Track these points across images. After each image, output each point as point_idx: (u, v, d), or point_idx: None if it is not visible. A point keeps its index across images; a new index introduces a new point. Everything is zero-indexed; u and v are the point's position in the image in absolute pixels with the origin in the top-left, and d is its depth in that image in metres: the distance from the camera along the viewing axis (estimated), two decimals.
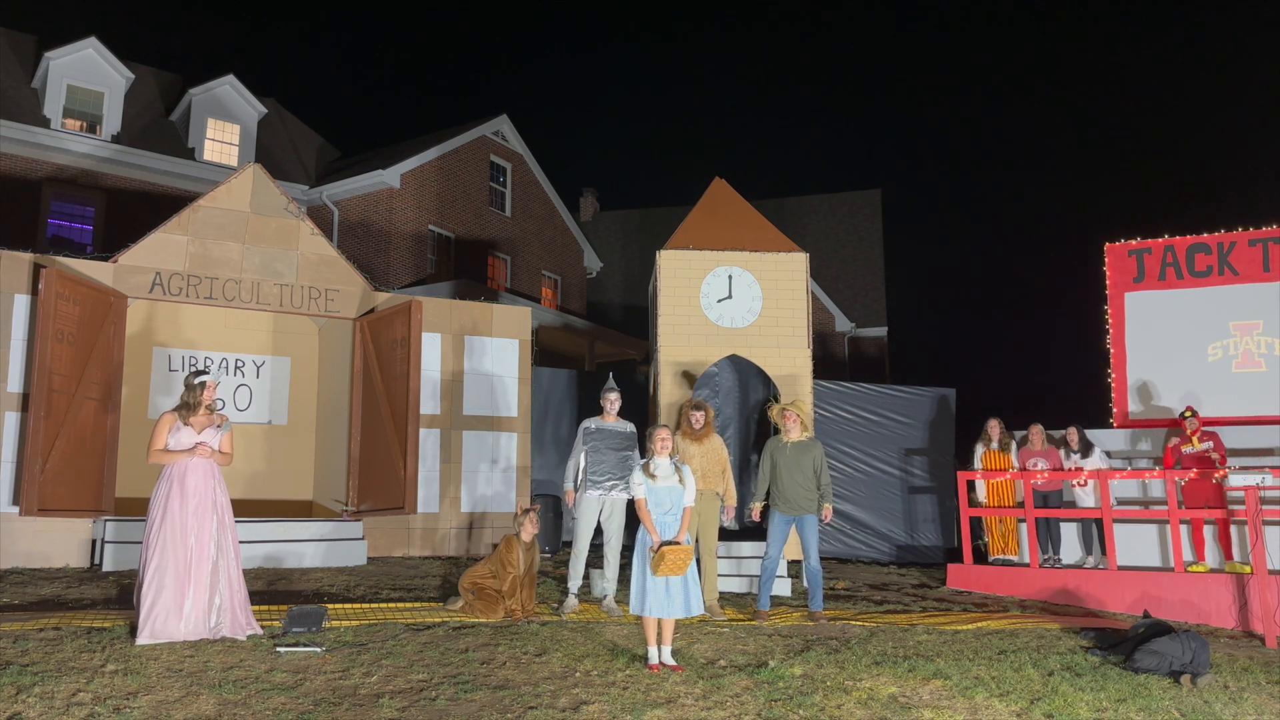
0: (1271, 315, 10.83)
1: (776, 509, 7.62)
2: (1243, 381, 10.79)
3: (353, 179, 18.92)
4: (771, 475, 7.68)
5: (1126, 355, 11.52)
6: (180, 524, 5.76)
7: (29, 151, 16.86)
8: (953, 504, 11.15)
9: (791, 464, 7.58)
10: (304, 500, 10.95)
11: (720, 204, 10.29)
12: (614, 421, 7.63)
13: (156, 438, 5.89)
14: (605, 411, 7.65)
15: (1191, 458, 9.31)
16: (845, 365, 24.79)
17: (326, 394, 11.08)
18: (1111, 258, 11.79)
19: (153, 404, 10.25)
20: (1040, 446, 9.87)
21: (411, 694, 4.87)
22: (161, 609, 5.61)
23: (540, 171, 22.20)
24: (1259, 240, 11.05)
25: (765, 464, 7.75)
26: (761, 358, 9.64)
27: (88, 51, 17.82)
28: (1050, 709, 5.15)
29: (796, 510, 7.56)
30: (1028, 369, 39.58)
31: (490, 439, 10.40)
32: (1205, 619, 8.34)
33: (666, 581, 5.60)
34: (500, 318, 10.74)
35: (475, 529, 10.17)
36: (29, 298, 8.56)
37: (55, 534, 8.38)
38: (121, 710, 4.40)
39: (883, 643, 6.57)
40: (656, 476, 5.79)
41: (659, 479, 5.78)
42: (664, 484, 5.77)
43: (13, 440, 8.35)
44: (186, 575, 5.72)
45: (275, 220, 9.82)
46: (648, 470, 5.82)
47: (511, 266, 21.21)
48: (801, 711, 4.88)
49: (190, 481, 5.84)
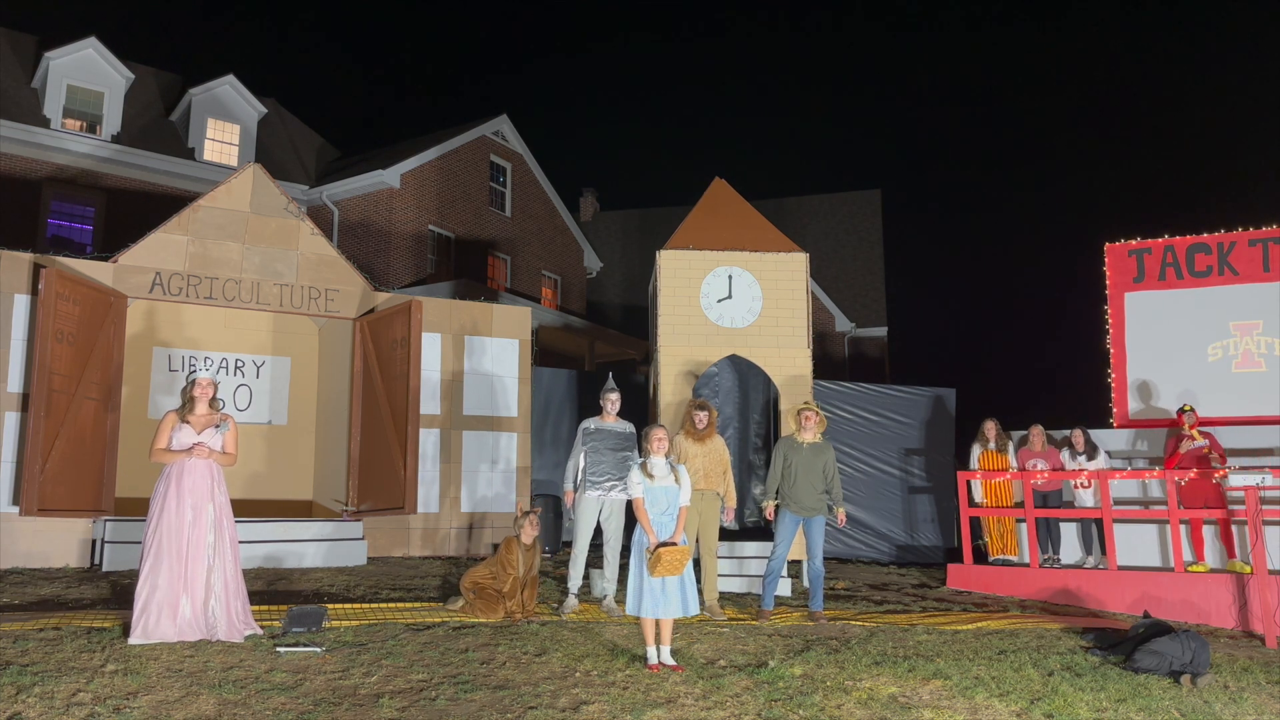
0: (1271, 315, 10.83)
1: (787, 509, 7.62)
2: (1243, 381, 10.79)
3: (353, 179, 18.92)
4: (783, 475, 7.68)
5: (1126, 355, 11.52)
6: (175, 524, 5.75)
7: (29, 151, 16.86)
8: (952, 504, 11.15)
9: (806, 465, 7.57)
10: (304, 500, 10.95)
11: (720, 204, 10.29)
12: (613, 422, 7.63)
13: (158, 437, 5.91)
14: (605, 412, 7.66)
15: (1190, 456, 9.31)
16: (845, 365, 24.79)
17: (326, 394, 11.08)
18: (1111, 258, 11.79)
19: (153, 404, 10.25)
20: (1040, 447, 9.87)
21: (411, 694, 4.87)
22: (155, 609, 5.61)
23: (540, 171, 22.21)
24: (1259, 240, 11.05)
25: (778, 462, 7.70)
26: (761, 358, 9.64)
27: (88, 51, 17.83)
28: (1050, 709, 5.15)
29: (807, 511, 7.56)
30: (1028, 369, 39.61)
31: (490, 439, 10.40)
32: (1205, 619, 8.34)
33: (663, 582, 5.60)
34: (500, 318, 10.74)
35: (475, 529, 10.17)
36: (29, 298, 8.56)
37: (55, 534, 8.38)
38: (121, 710, 4.39)
39: (883, 643, 6.56)
40: (654, 476, 5.79)
41: (656, 479, 5.79)
42: (661, 484, 5.77)
43: (12, 440, 8.35)
44: (181, 575, 5.71)
45: (275, 220, 9.82)
46: (645, 470, 5.82)
47: (511, 266, 21.21)
48: (801, 711, 4.88)
49: (187, 481, 5.83)
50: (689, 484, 5.89)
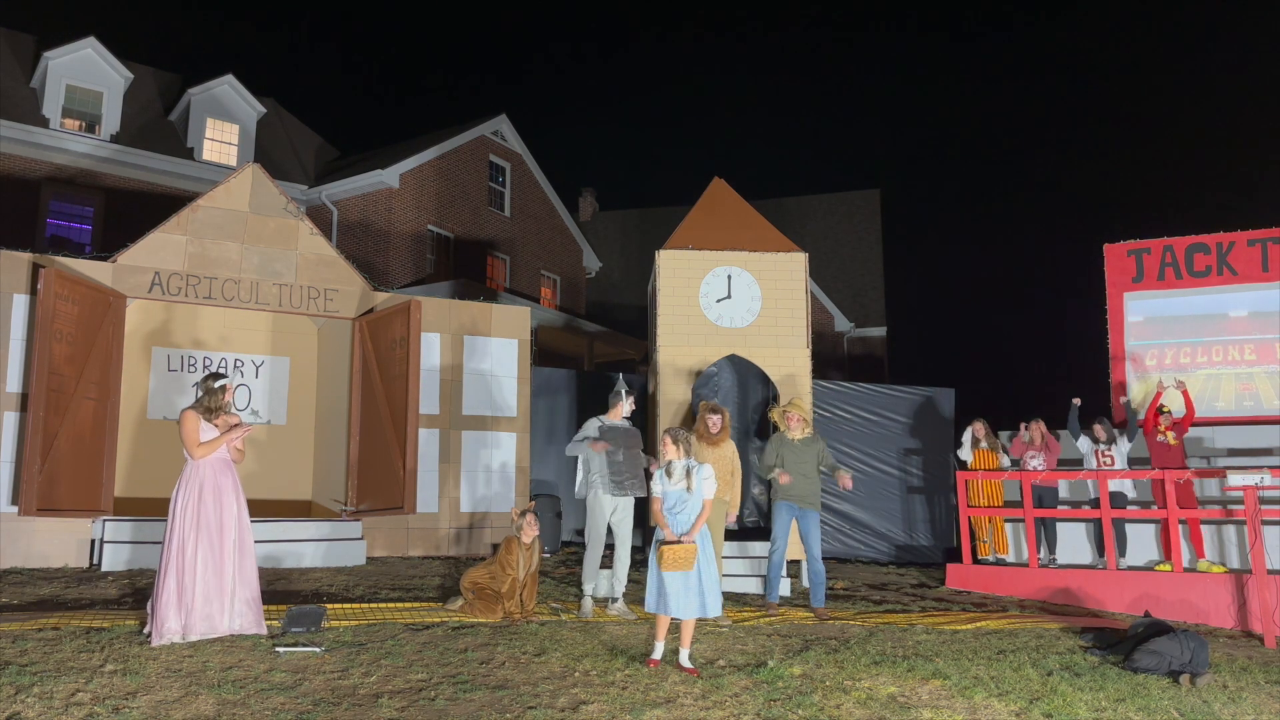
0: (1271, 315, 10.84)
1: (782, 501, 7.66)
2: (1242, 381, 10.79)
3: (352, 179, 18.91)
4: (776, 467, 7.73)
5: (1126, 355, 11.53)
6: (214, 521, 5.80)
7: (28, 151, 16.85)
8: (951, 503, 11.15)
9: (798, 460, 7.66)
10: (303, 500, 10.95)
11: (719, 204, 10.29)
12: (619, 420, 7.61)
13: (192, 433, 5.84)
14: (613, 410, 7.60)
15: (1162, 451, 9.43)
16: (845, 365, 24.79)
17: (325, 394, 11.08)
18: (1110, 258, 11.80)
19: (152, 404, 10.24)
20: (1040, 442, 9.87)
21: (410, 694, 4.87)
22: (199, 607, 5.65)
23: (539, 171, 22.20)
24: (1258, 240, 11.06)
25: (771, 452, 7.82)
26: (761, 358, 9.64)
27: (87, 51, 17.81)
28: (1049, 709, 5.15)
29: (802, 503, 7.64)
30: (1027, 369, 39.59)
31: (489, 439, 10.39)
32: (1204, 619, 8.35)
33: (684, 582, 5.58)
34: (499, 317, 10.74)
35: (475, 529, 10.16)
36: (28, 297, 8.56)
37: (54, 534, 8.37)
38: (120, 710, 4.39)
39: (882, 642, 6.57)
40: (672, 476, 5.79)
41: (673, 480, 5.78)
42: (676, 487, 5.77)
43: (12, 440, 8.34)
44: (216, 573, 5.76)
45: (274, 220, 9.81)
46: (669, 471, 5.81)
47: (510, 266, 21.20)
48: (800, 711, 4.88)
49: (219, 482, 5.87)
50: (712, 480, 5.83)
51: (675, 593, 5.57)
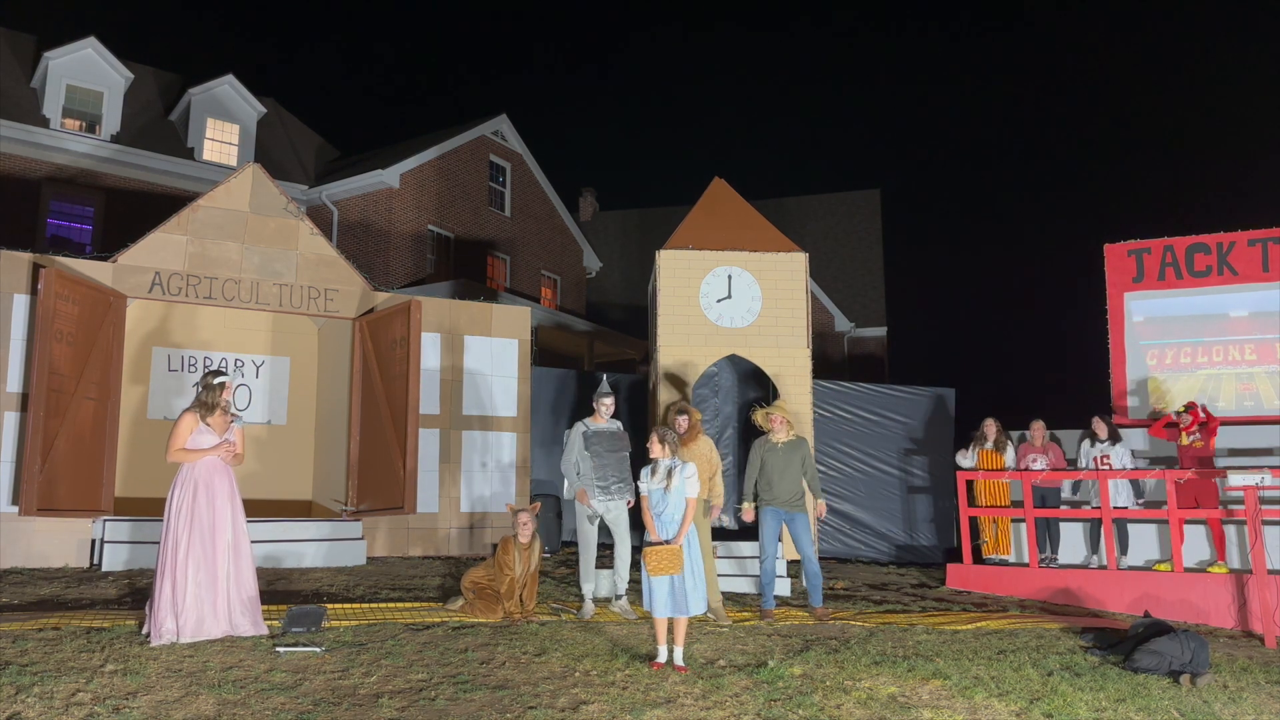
0: (1271, 315, 10.84)
1: (768, 507, 7.64)
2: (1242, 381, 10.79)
3: (352, 179, 18.91)
4: (761, 474, 7.70)
5: (1126, 355, 11.53)
6: (206, 523, 5.80)
7: (28, 151, 16.85)
8: (952, 504, 11.15)
9: (782, 464, 7.62)
10: (303, 500, 10.95)
11: (719, 204, 10.29)
12: (606, 423, 7.59)
13: (177, 437, 5.88)
14: (598, 414, 7.60)
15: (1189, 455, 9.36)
16: (845, 365, 24.79)
17: (326, 394, 11.08)
18: (1111, 258, 11.79)
19: (152, 404, 10.24)
20: (1040, 443, 9.87)
21: (411, 694, 4.87)
22: (191, 608, 5.65)
23: (539, 171, 22.20)
24: (1258, 240, 11.06)
25: (754, 462, 7.77)
26: (761, 358, 9.63)
27: (87, 51, 17.81)
28: (1049, 709, 5.15)
29: (788, 507, 7.62)
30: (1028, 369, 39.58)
31: (489, 439, 10.39)
32: (1204, 619, 8.34)
33: (670, 582, 5.61)
34: (499, 317, 10.74)
35: (475, 529, 10.16)
36: (28, 297, 8.56)
37: (54, 534, 8.37)
38: (121, 710, 4.39)
39: (882, 643, 6.56)
40: (654, 476, 5.82)
41: (655, 479, 5.81)
42: (657, 486, 5.80)
43: (12, 440, 8.34)
44: (211, 574, 5.76)
45: (274, 220, 9.81)
46: (653, 470, 5.84)
47: (511, 266, 21.20)
48: (801, 711, 4.88)
49: (213, 483, 5.87)
50: (695, 480, 5.86)
51: (660, 593, 5.60)
